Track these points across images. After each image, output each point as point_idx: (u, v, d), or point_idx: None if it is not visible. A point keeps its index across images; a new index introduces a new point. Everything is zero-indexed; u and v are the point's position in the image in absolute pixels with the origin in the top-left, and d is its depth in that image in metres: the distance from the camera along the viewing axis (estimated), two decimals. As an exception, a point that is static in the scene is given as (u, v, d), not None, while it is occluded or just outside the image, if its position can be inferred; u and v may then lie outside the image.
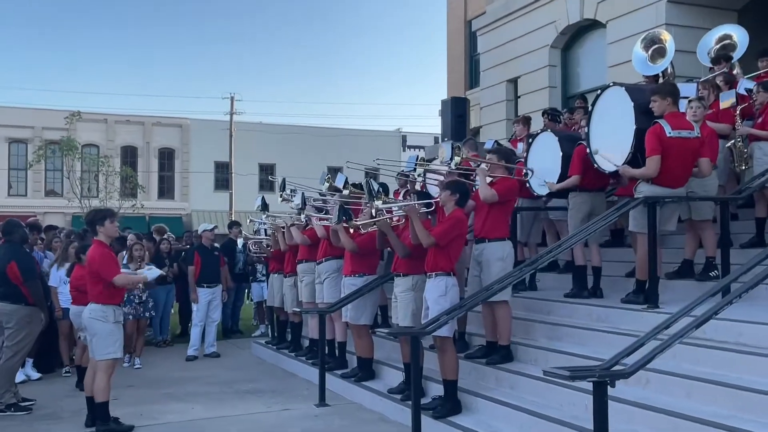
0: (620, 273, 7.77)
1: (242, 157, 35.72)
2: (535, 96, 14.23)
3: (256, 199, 10.18)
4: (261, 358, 10.54)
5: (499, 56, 15.37)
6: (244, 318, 13.77)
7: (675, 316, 4.44)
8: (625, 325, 6.18)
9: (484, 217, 6.52)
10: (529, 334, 6.90)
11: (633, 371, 4.01)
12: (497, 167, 6.70)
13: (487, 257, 6.47)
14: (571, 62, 14.12)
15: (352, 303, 7.45)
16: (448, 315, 5.90)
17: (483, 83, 16.31)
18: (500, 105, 15.49)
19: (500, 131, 15.06)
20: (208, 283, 10.68)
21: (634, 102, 6.45)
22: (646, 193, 6.25)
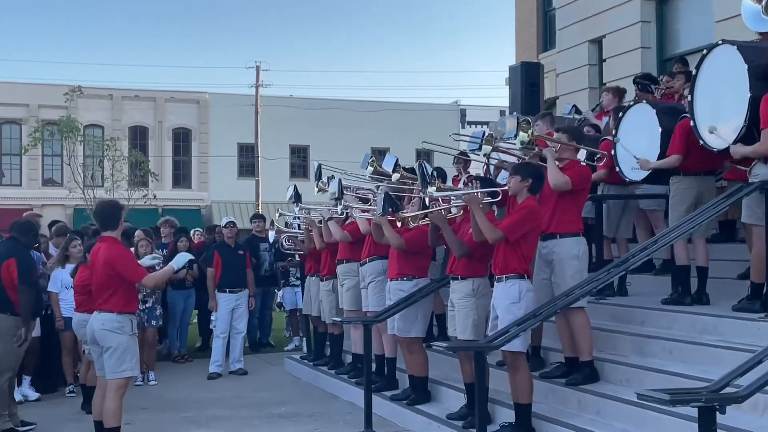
0: (731, 274, 7.63)
1: (270, 137, 36.09)
2: (624, 59, 14.02)
3: (288, 189, 10.28)
4: (295, 376, 10.68)
5: (579, 11, 15.18)
6: (276, 329, 13.95)
7: (801, 328, 4.34)
8: (737, 338, 6.09)
9: (553, 208, 6.49)
10: (618, 349, 6.84)
11: (748, 394, 3.95)
12: (567, 149, 6.65)
13: (559, 256, 6.45)
14: (668, 17, 13.85)
15: (400, 312, 7.49)
16: (519, 326, 5.88)
17: (560, 45, 16.13)
18: (581, 71, 15.31)
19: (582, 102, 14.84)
20: (231, 287, 10.85)
21: (748, 64, 6.31)
22: (764, 176, 6.13)
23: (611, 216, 8.34)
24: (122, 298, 6.51)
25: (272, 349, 12.96)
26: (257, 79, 36.67)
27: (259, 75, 36.72)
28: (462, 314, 6.66)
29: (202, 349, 12.58)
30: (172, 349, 11.91)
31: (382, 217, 7.51)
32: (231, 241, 11.16)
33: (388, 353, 8.36)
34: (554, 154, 6.63)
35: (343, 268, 8.96)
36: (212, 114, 37.38)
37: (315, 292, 10.08)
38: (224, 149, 36.73)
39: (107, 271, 6.47)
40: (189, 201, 36.44)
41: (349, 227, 8.86)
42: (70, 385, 9.59)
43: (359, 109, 38.04)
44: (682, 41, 13.54)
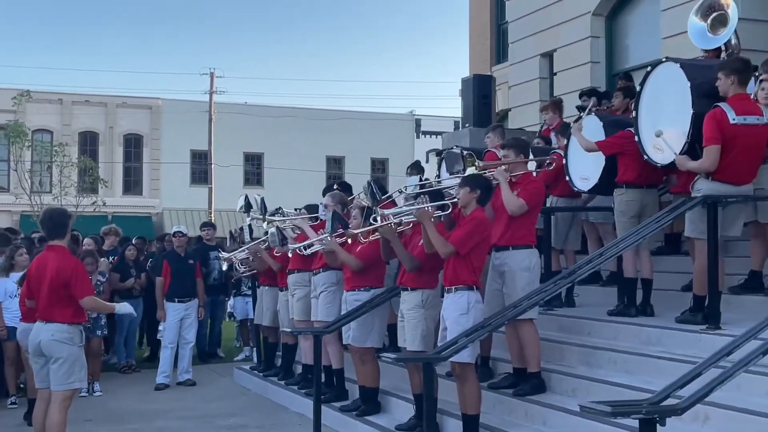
0: (675, 286, 7.78)
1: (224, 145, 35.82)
2: (574, 73, 14.22)
3: (240, 198, 10.23)
4: (245, 386, 10.59)
5: (531, 25, 15.37)
6: (226, 339, 13.84)
7: (739, 340, 4.46)
8: (680, 350, 6.21)
9: (507, 221, 6.57)
10: (565, 360, 6.93)
11: (688, 406, 4.03)
12: (516, 165, 6.74)
13: (511, 267, 6.51)
14: (618, 33, 14.09)
15: (356, 321, 7.48)
16: (467, 337, 5.92)
17: (512, 58, 16.31)
18: (533, 84, 15.49)
19: (533, 115, 15.05)
20: (180, 297, 10.74)
21: (691, 82, 6.46)
22: (706, 191, 6.27)
23: (559, 228, 8.46)
24: (72, 309, 6.44)
25: (221, 359, 12.85)
26: (211, 86, 36.40)
27: (213, 82, 36.47)
28: (411, 325, 6.68)
29: (149, 359, 12.42)
30: (119, 359, 11.74)
31: (329, 240, 7.52)
32: (181, 250, 11.06)
33: (335, 364, 8.34)
34: (506, 176, 6.70)
35: (294, 278, 8.93)
36: (165, 120, 36.97)
37: (267, 302, 10.03)
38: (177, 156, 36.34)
39: (58, 282, 6.38)
40: (140, 208, 35.97)
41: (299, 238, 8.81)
42: (12, 397, 9.39)
43: (314, 117, 37.94)
44: (631, 56, 13.79)
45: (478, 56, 21.23)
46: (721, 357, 4.31)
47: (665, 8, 12.33)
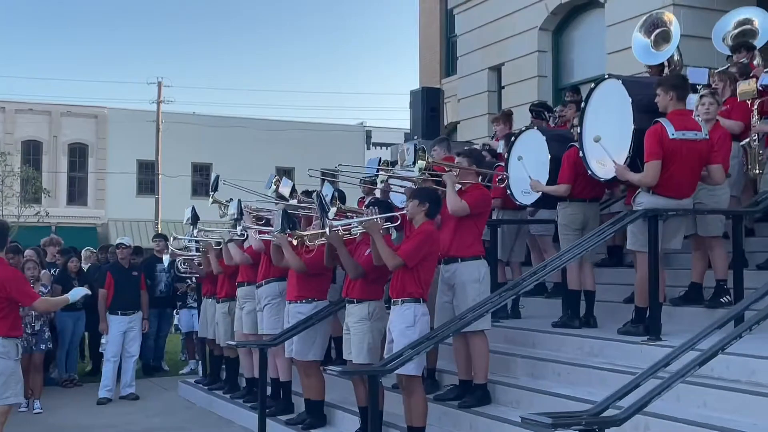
0: (618, 298, 7.92)
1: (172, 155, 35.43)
2: (521, 86, 14.43)
3: (186, 210, 10.14)
4: (190, 400, 10.47)
5: (479, 39, 15.55)
6: (171, 352, 13.67)
7: (677, 351, 4.55)
8: (622, 361, 6.30)
9: (453, 232, 6.60)
10: (510, 371, 6.98)
11: (626, 417, 4.10)
12: (467, 173, 6.78)
13: (460, 279, 6.54)
14: (564, 48, 14.35)
15: (298, 335, 7.46)
16: (413, 349, 5.94)
17: (461, 71, 16.47)
18: (481, 97, 15.66)
19: (482, 127, 15.22)
20: (123, 309, 10.59)
21: (632, 98, 6.60)
22: (646, 204, 6.40)
23: (505, 240, 8.54)
24: (8, 322, 6.29)
25: (166, 373, 12.68)
26: (159, 95, 36.01)
27: (161, 91, 36.07)
28: (357, 338, 6.67)
29: (92, 373, 12.20)
30: (60, 373, 11.51)
31: (280, 235, 7.48)
32: (125, 261, 10.91)
33: (283, 377, 8.30)
34: (454, 180, 6.74)
35: (243, 291, 8.86)
36: (111, 129, 36.45)
37: (211, 314, 9.93)
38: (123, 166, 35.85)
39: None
40: (84, 219, 35.36)
41: (250, 249, 8.78)
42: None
43: (264, 127, 37.78)
44: (577, 71, 14.04)
45: (428, 69, 21.37)
46: (659, 368, 4.39)
47: (610, 24, 12.60)
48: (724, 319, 4.64)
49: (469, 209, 6.52)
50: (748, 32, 10.01)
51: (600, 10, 13.09)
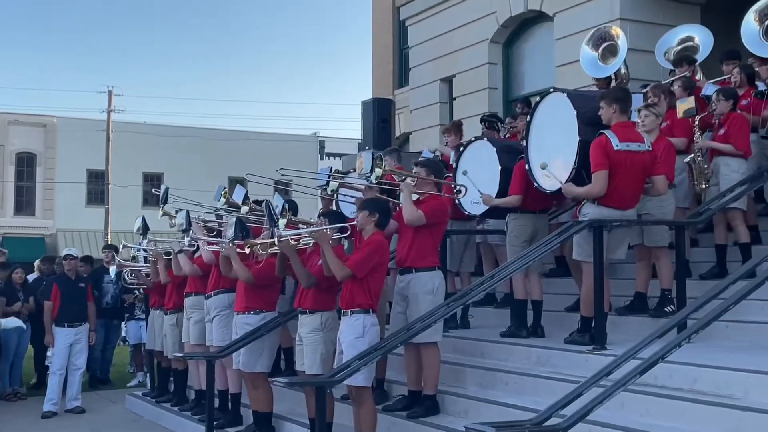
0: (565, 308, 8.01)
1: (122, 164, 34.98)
2: (472, 98, 14.52)
3: (136, 219, 10.03)
4: (137, 413, 10.33)
5: (431, 51, 15.63)
6: (119, 364, 13.48)
7: (618, 360, 4.61)
8: (568, 370, 6.36)
9: (410, 242, 6.59)
10: (459, 381, 7.01)
11: (569, 426, 4.14)
12: (425, 183, 6.80)
13: (414, 290, 6.54)
14: (514, 60, 14.49)
15: (246, 347, 7.41)
16: (361, 360, 5.94)
17: (413, 82, 16.52)
18: (433, 108, 15.72)
19: (433, 138, 15.27)
20: (70, 321, 10.43)
21: (577, 110, 6.70)
22: (592, 215, 6.49)
23: (454, 250, 8.59)
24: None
25: (113, 385, 12.49)
26: (109, 104, 35.58)
27: (111, 100, 35.64)
28: (310, 348, 6.65)
29: (37, 386, 11.96)
30: (4, 386, 11.27)
31: (232, 243, 7.43)
32: (71, 273, 10.74)
33: (233, 389, 8.23)
34: (411, 189, 6.75)
35: (190, 301, 8.79)
36: (60, 138, 35.84)
37: (159, 326, 9.82)
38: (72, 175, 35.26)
39: None
40: (32, 229, 34.69)
41: (199, 260, 8.72)
42: None
43: (216, 137, 37.49)
44: (527, 83, 14.19)
45: (381, 79, 21.45)
46: (601, 377, 4.45)
47: (559, 37, 12.76)
48: (664, 328, 4.73)
49: (425, 219, 6.52)
50: (690, 48, 10.28)
51: (549, 24, 13.26)
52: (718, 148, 7.68)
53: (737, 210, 7.49)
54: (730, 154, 7.61)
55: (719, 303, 4.84)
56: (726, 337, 6.57)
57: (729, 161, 7.62)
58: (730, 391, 5.23)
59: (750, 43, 9.03)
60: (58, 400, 10.30)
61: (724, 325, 6.59)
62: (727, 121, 7.67)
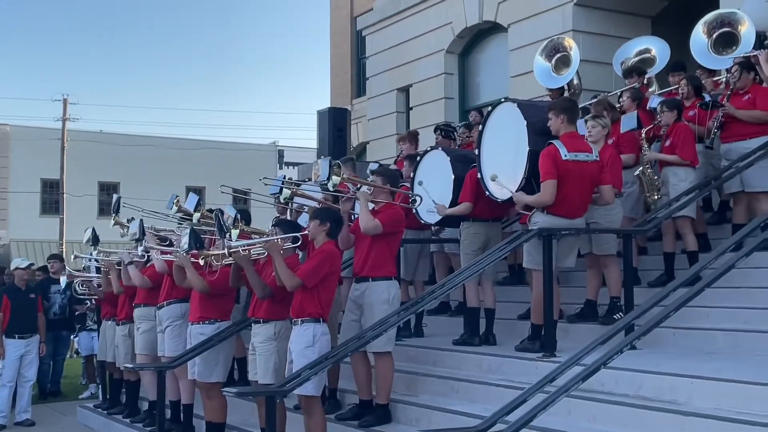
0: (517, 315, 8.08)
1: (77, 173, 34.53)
2: (429, 108, 14.66)
3: (86, 231, 9.94)
4: (88, 425, 10.19)
5: (388, 61, 15.75)
6: (71, 376, 13.30)
7: (562, 367, 4.68)
8: (518, 377, 6.42)
9: (366, 251, 6.60)
10: (411, 389, 7.04)
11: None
12: (381, 192, 6.83)
13: (369, 300, 6.55)
14: (470, 70, 14.67)
15: (201, 356, 7.37)
16: (311, 369, 5.95)
17: (370, 92, 16.63)
18: (390, 117, 15.84)
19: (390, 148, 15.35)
20: (20, 333, 10.30)
21: (527, 120, 6.79)
22: (541, 224, 6.58)
23: (408, 259, 8.62)
24: None
25: (65, 398, 12.31)
26: (64, 113, 35.10)
27: (66, 108, 35.17)
28: (263, 358, 6.65)
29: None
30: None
31: (186, 253, 7.39)
32: (22, 283, 10.59)
33: (185, 399, 8.16)
34: (368, 198, 6.78)
35: (140, 312, 8.72)
36: (14, 147, 35.30)
37: (111, 336, 9.72)
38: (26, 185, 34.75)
39: None
40: (-15, 239, 34.14)
41: (149, 271, 8.66)
42: None
43: (174, 146, 37.20)
44: (482, 93, 14.37)
45: (340, 89, 21.53)
46: (545, 383, 4.52)
47: (513, 48, 12.95)
48: (607, 335, 4.81)
49: (381, 228, 6.54)
50: (647, 59, 10.49)
51: (504, 35, 13.44)
52: (664, 159, 7.83)
53: (685, 218, 7.63)
54: (677, 164, 7.76)
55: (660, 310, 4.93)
56: (672, 344, 6.70)
57: (677, 171, 7.78)
58: (674, 397, 5.33)
59: (699, 55, 9.24)
60: (7, 413, 10.16)
61: (671, 331, 6.74)
62: (673, 132, 7.83)
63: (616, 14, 12.38)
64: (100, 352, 10.36)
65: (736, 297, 6.93)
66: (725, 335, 6.49)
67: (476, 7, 13.76)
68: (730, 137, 7.92)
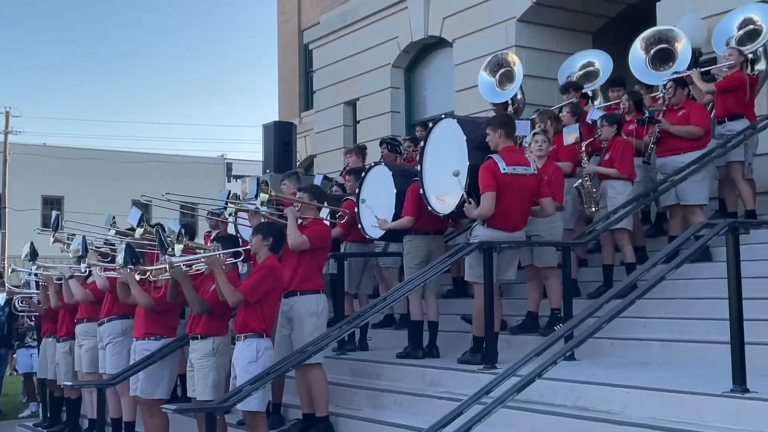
0: (462, 328, 8.14)
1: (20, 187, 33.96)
2: (376, 121, 14.74)
3: (24, 245, 9.76)
4: (28, 445, 10.02)
5: (335, 74, 15.81)
6: (11, 394, 13.05)
7: (499, 378, 4.75)
8: (460, 389, 6.45)
9: (295, 266, 6.65)
10: (354, 403, 7.05)
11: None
12: (309, 208, 6.89)
13: (298, 313, 6.60)
14: (416, 85, 14.80)
15: (145, 372, 7.30)
16: (252, 384, 5.94)
17: (317, 105, 16.67)
18: (337, 131, 15.88)
19: (338, 161, 15.39)
20: (-43, 351, 10.06)
21: (467, 135, 6.89)
22: (482, 237, 6.66)
23: (352, 273, 8.65)
24: None
25: (5, 416, 12.06)
26: (6, 125, 34.57)
27: (8, 121, 34.64)
28: (201, 374, 6.62)
29: None
30: None
31: (126, 271, 7.32)
32: (-40, 299, 10.37)
33: (126, 417, 8.05)
34: (295, 214, 6.82)
35: (82, 328, 8.59)
36: (-46, 160, 34.58)
37: (51, 354, 9.55)
38: (-33, 199, 34.04)
39: None
40: (-77, 254, 33.26)
41: (91, 286, 8.55)
42: None
43: (120, 159, 36.80)
44: (429, 107, 14.50)
45: (287, 102, 21.52)
46: (481, 395, 4.57)
47: (458, 63, 13.11)
48: (542, 347, 4.89)
49: (309, 244, 6.61)
50: (591, 73, 10.71)
51: (449, 49, 13.60)
52: (603, 172, 7.99)
53: (623, 231, 7.80)
54: (615, 177, 7.93)
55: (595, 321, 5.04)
56: (610, 354, 6.83)
57: (614, 184, 7.95)
58: (610, 407, 5.42)
59: (637, 70, 9.48)
60: (-57, 434, 9.91)
61: (609, 342, 6.88)
62: (612, 146, 8.01)
63: (559, 30, 12.60)
64: (40, 370, 10.16)
65: (672, 307, 7.11)
66: (661, 345, 6.64)
67: (422, 22, 13.90)
68: (666, 152, 8.12)
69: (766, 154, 8.89)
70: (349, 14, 15.47)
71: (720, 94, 8.38)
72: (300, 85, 20.90)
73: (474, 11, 12.86)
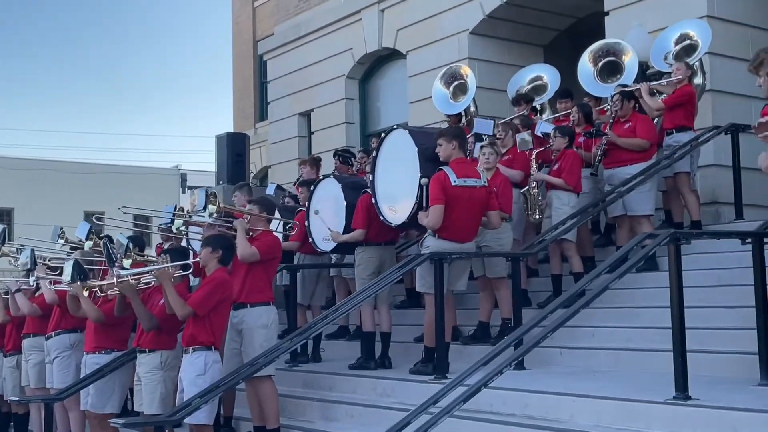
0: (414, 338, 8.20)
1: (-32, 199, 33.31)
2: (330, 132, 14.77)
3: (-30, 257, 9.60)
4: (-27, 463, 9.81)
5: (289, 85, 15.81)
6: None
7: (446, 388, 4.80)
8: (411, 400, 6.45)
9: (243, 277, 6.65)
10: (306, 415, 7.06)
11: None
12: (258, 220, 6.90)
13: (248, 325, 6.59)
14: (370, 96, 14.85)
15: (95, 386, 7.22)
16: (202, 397, 5.92)
17: (272, 116, 16.65)
18: (291, 142, 15.87)
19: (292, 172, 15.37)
20: None
21: (418, 147, 6.96)
22: (432, 248, 6.73)
23: (306, 284, 8.67)
24: None
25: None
26: (-45, 136, 33.90)
27: (-44, 131, 33.95)
28: (149, 388, 6.57)
29: None
30: None
31: (70, 284, 7.25)
32: None
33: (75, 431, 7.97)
34: (244, 226, 6.82)
35: (29, 342, 8.46)
36: None
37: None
38: None
39: None
40: None
41: (39, 299, 8.44)
42: None
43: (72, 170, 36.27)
44: (383, 118, 14.56)
45: (242, 113, 21.47)
46: (428, 405, 4.62)
47: (412, 75, 13.21)
48: (489, 356, 4.95)
49: (259, 255, 6.61)
50: (539, 87, 10.87)
51: (403, 61, 13.69)
52: (550, 181, 8.12)
53: (569, 241, 7.93)
54: (561, 188, 8.06)
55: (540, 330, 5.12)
56: (559, 363, 6.94)
57: (560, 195, 8.08)
58: (557, 415, 5.51)
59: (586, 82, 9.64)
60: None
61: (558, 351, 7.00)
62: (562, 157, 8.14)
63: (510, 43, 12.76)
64: (-15, 386, 9.97)
65: (619, 316, 7.25)
66: (607, 354, 6.77)
67: (376, 34, 13.98)
68: (613, 163, 8.28)
69: (709, 165, 9.13)
70: (303, 25, 15.50)
71: (668, 108, 8.56)
72: (255, 96, 20.86)
73: (427, 23, 12.98)
